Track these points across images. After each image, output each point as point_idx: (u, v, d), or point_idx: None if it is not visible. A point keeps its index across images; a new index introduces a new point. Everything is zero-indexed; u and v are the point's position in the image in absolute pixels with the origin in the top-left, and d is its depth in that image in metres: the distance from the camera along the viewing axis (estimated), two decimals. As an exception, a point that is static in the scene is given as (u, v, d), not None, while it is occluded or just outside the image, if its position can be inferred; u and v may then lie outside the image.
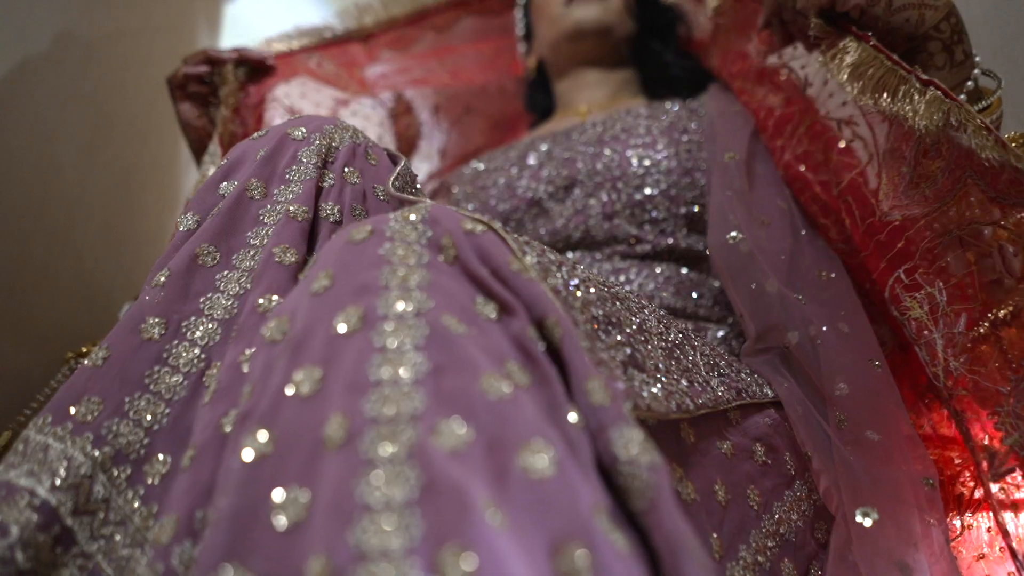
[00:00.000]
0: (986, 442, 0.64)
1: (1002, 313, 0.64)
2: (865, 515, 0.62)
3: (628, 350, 0.55)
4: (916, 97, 0.68)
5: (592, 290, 0.57)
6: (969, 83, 0.74)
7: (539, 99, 1.39)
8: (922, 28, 0.74)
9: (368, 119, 1.26)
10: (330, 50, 1.25)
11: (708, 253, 0.95)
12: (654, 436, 0.44)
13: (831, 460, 0.67)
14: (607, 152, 1.04)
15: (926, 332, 0.70)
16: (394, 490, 0.33)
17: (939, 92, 0.67)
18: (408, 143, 1.31)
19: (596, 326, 0.54)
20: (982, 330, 0.66)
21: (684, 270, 1.00)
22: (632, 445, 0.40)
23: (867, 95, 0.73)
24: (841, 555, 0.61)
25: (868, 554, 0.60)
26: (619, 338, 0.56)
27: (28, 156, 0.92)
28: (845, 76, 0.75)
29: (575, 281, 0.56)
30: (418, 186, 0.74)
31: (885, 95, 0.71)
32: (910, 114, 0.68)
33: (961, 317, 0.68)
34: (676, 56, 1.24)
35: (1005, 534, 0.62)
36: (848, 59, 0.76)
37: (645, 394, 0.52)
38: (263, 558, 0.34)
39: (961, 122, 0.64)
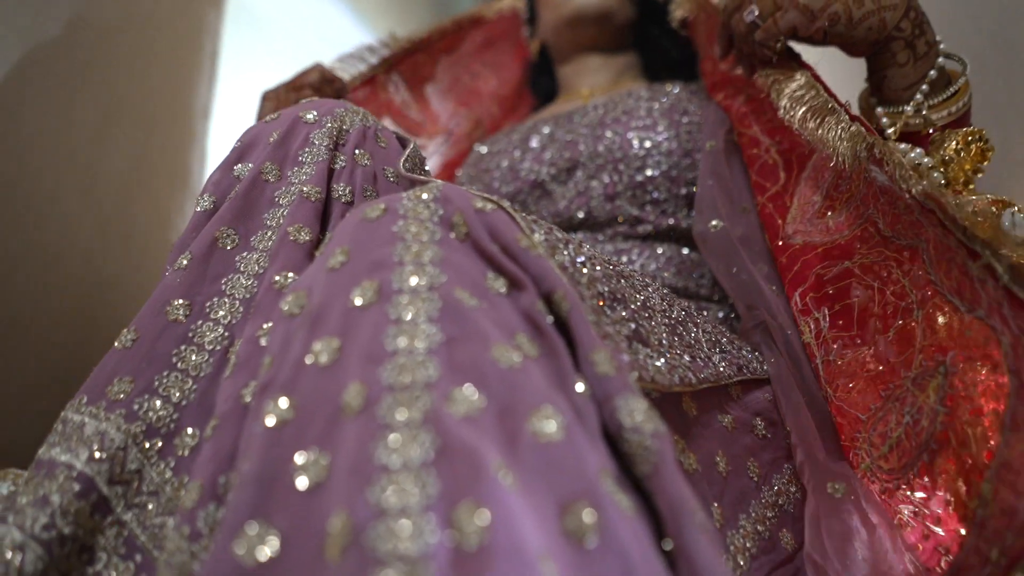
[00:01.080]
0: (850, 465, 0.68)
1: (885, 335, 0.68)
2: (835, 488, 0.65)
3: (633, 325, 0.57)
4: (843, 128, 0.71)
5: (598, 268, 0.59)
6: (932, 72, 0.75)
7: (542, 82, 1.40)
8: (884, 32, 0.75)
9: (447, 156, 1.32)
10: (402, 64, 1.29)
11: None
12: (657, 408, 0.46)
13: (807, 434, 0.69)
14: (608, 134, 1.05)
15: (814, 357, 0.73)
16: (411, 452, 0.35)
17: (863, 128, 0.69)
18: None
19: (602, 302, 0.56)
20: (858, 354, 0.69)
21: (685, 251, 1.01)
22: (637, 413, 0.42)
23: (800, 121, 0.75)
24: (814, 525, 0.63)
25: (836, 524, 0.62)
26: (624, 314, 0.58)
27: (42, 141, 0.94)
28: (785, 101, 0.78)
29: (581, 258, 0.57)
30: (427, 168, 0.75)
31: (815, 122, 0.74)
32: (834, 143, 0.71)
33: (837, 343, 0.71)
34: (675, 40, 1.25)
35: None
36: (791, 86, 0.79)
37: (649, 367, 0.54)
38: (286, 516, 0.36)
39: (883, 156, 0.66)
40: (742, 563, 0.60)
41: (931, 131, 0.76)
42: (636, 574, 0.34)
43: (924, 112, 0.76)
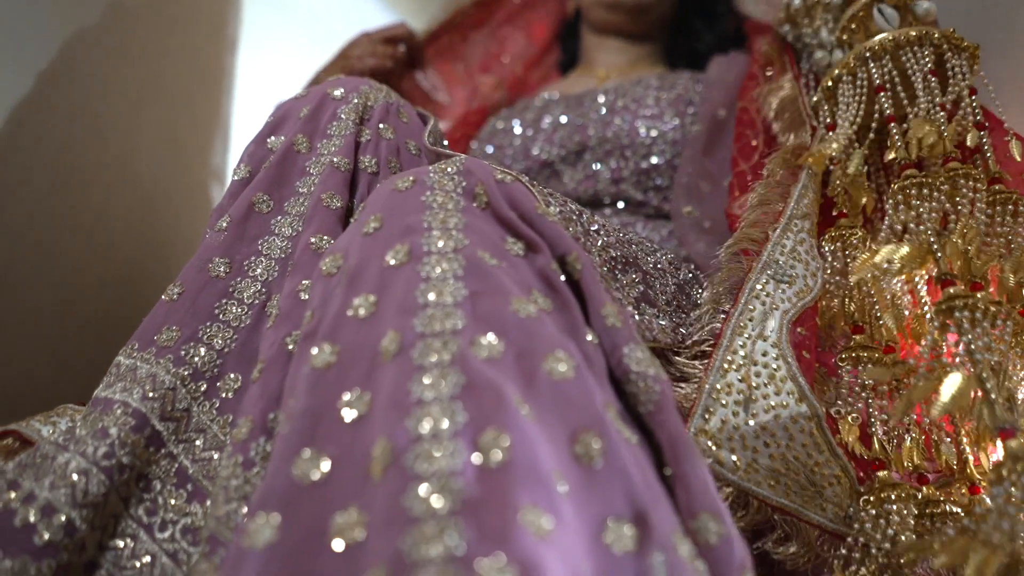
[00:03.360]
0: None
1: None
2: None
3: (642, 288, 0.63)
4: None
5: (611, 235, 0.65)
6: None
7: (569, 44, 1.43)
8: None
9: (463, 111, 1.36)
10: (429, 48, 1.36)
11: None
12: (660, 359, 0.51)
13: None
14: (617, 121, 1.10)
15: None
16: (441, 388, 0.40)
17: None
18: None
19: (613, 266, 0.62)
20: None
21: None
22: (642, 359, 0.47)
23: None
24: None
25: None
26: (634, 276, 0.63)
27: (85, 113, 1.00)
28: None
29: (595, 227, 0.63)
30: (445, 142, 0.81)
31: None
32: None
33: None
34: (713, 35, 1.27)
35: None
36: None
37: (654, 326, 0.60)
38: (335, 443, 0.41)
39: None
40: None
41: None
42: (637, 493, 0.39)
43: None
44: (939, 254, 0.58)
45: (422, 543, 0.34)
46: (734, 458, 0.54)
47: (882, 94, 0.71)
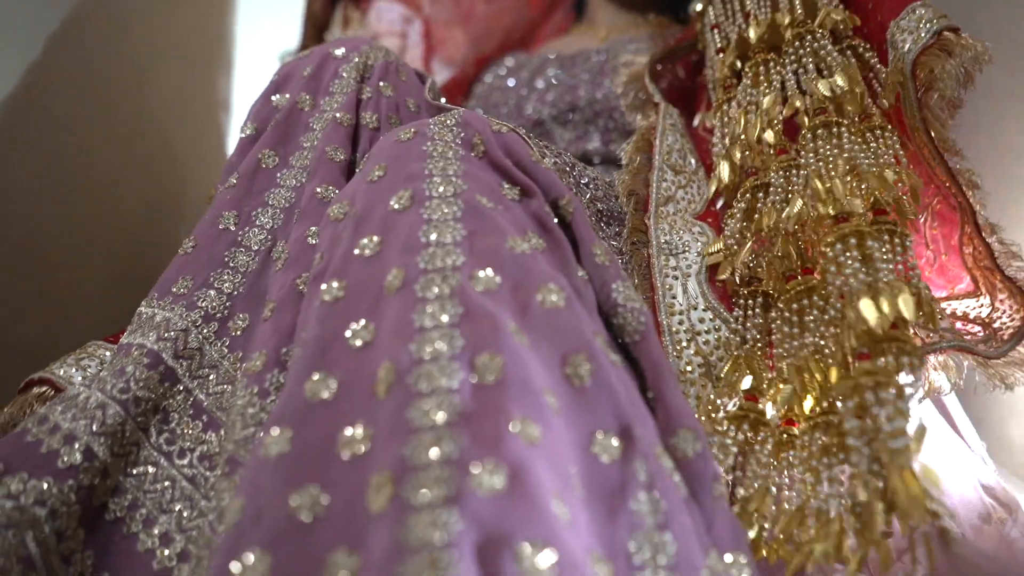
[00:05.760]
0: None
1: None
2: None
3: (619, 242, 0.66)
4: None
5: (599, 190, 0.68)
6: None
7: None
8: None
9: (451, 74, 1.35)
10: None
11: None
12: None
13: None
14: (607, 83, 1.11)
15: None
16: (441, 316, 0.44)
17: None
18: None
19: (599, 218, 0.65)
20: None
21: None
22: (629, 295, 0.50)
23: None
24: None
25: None
26: (617, 229, 0.67)
27: (92, 79, 1.02)
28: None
29: (585, 179, 0.66)
30: (443, 99, 0.83)
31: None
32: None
33: None
34: None
35: None
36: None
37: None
38: (343, 367, 0.44)
39: None
40: None
41: None
42: (623, 409, 0.43)
43: None
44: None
45: (421, 449, 0.37)
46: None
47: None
